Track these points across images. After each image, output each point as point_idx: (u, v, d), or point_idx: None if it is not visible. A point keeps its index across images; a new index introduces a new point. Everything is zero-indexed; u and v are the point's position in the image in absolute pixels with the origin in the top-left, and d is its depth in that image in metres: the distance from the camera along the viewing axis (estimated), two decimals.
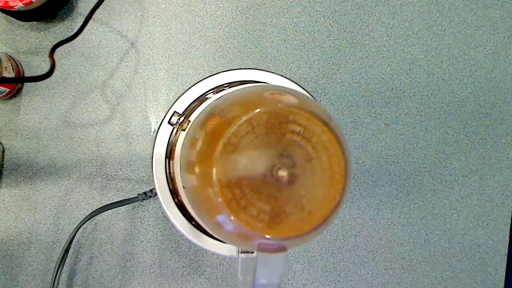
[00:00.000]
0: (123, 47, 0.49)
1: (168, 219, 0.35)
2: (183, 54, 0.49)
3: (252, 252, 0.27)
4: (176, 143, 0.35)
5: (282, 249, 0.23)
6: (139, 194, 0.45)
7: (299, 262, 0.49)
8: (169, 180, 0.36)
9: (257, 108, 0.22)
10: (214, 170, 0.22)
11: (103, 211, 0.44)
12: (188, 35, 0.49)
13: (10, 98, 0.48)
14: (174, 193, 0.36)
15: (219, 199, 0.22)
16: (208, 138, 0.24)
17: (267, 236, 0.22)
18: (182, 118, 0.35)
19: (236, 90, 0.33)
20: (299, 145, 0.23)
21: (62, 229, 0.47)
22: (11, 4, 0.43)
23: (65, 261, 0.45)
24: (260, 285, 0.24)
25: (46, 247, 0.47)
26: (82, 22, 0.45)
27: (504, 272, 0.51)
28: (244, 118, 0.22)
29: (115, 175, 0.48)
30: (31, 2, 0.43)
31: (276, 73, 0.38)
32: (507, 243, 0.51)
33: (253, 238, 0.23)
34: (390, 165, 0.51)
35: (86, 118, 0.48)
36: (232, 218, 0.22)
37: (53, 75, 0.40)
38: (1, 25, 0.48)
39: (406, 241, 0.50)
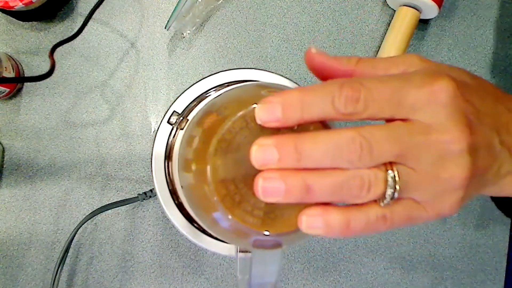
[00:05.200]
0: (123, 47, 0.49)
1: (168, 219, 0.35)
2: (183, 54, 0.49)
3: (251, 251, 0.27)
4: (174, 143, 0.35)
5: (278, 245, 0.23)
6: (139, 194, 0.45)
7: (299, 262, 0.49)
8: (169, 181, 0.36)
9: (252, 105, 0.22)
10: (209, 166, 0.22)
11: (103, 211, 0.44)
12: (188, 35, 0.50)
13: (10, 98, 0.48)
14: (174, 193, 0.36)
15: (214, 196, 0.22)
16: (203, 135, 0.24)
17: (263, 232, 0.22)
18: (181, 118, 0.35)
19: (233, 88, 0.33)
20: None
21: (62, 229, 0.47)
22: (11, 4, 0.43)
23: (65, 261, 0.45)
24: (256, 283, 0.24)
25: (46, 247, 0.47)
26: (82, 22, 0.45)
27: (504, 272, 0.51)
28: (239, 114, 0.22)
29: (115, 175, 0.48)
30: (31, 2, 0.43)
31: (276, 73, 0.38)
32: (507, 243, 0.51)
33: (248, 234, 0.23)
34: None
35: (86, 118, 0.48)
36: (227, 214, 0.22)
37: (53, 75, 0.40)
38: (1, 25, 0.48)
39: (406, 241, 0.50)
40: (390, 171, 0.19)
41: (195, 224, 0.35)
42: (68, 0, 0.49)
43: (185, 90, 0.36)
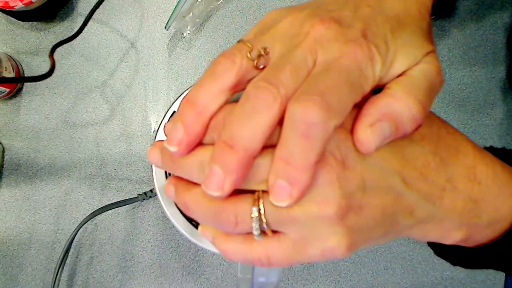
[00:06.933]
0: (123, 47, 0.49)
1: (168, 219, 0.35)
2: (183, 54, 0.49)
3: None
4: None
5: None
6: (139, 194, 0.45)
7: None
8: None
9: None
10: None
11: (103, 211, 0.44)
12: (188, 35, 0.50)
13: (10, 98, 0.48)
14: None
15: None
16: None
17: None
18: None
19: None
20: None
21: (62, 229, 0.47)
22: (11, 4, 0.43)
23: (65, 261, 0.45)
24: (259, 283, 0.24)
25: (46, 247, 0.47)
26: (82, 22, 0.45)
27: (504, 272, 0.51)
28: None
29: (115, 175, 0.48)
30: (31, 2, 0.43)
31: None
32: None
33: None
34: None
35: (86, 118, 0.48)
36: None
37: (53, 75, 0.40)
38: (1, 25, 0.48)
39: (406, 241, 0.50)
40: (254, 207, 0.18)
41: (195, 224, 0.35)
42: (68, 0, 0.49)
43: (185, 90, 0.36)
